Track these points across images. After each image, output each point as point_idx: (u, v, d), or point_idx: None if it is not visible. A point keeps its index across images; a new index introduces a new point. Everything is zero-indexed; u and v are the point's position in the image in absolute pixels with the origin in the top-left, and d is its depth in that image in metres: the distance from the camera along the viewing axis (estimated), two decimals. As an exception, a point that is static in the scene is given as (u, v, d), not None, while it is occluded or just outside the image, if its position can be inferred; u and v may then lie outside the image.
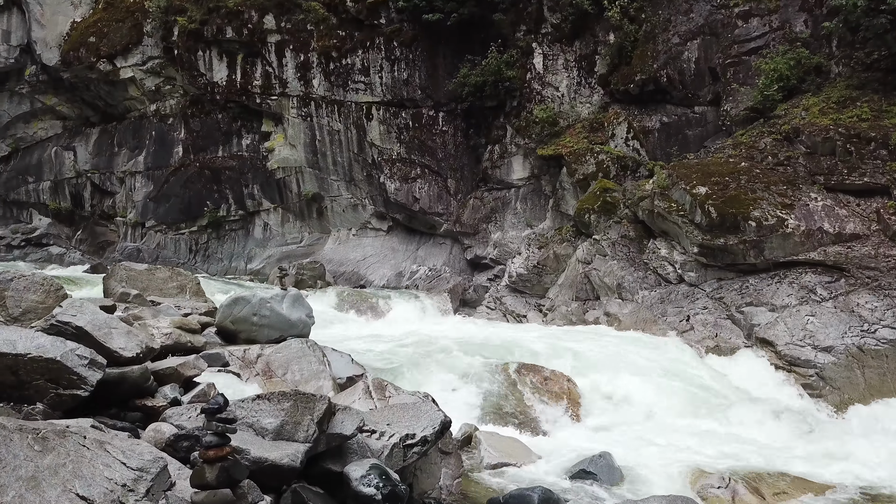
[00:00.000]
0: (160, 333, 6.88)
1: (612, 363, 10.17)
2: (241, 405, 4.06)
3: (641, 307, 13.62)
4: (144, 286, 11.19)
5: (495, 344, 11.00)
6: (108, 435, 3.33)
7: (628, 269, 14.58)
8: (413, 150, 21.65)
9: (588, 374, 9.52)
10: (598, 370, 9.74)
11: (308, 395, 4.15)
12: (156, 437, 3.98)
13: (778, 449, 7.73)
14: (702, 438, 7.58)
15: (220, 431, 3.42)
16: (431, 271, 20.73)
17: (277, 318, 8.04)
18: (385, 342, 11.58)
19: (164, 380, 5.79)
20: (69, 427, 3.09)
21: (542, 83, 19.94)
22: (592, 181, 17.16)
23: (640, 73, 18.27)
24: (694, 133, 17.92)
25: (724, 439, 7.70)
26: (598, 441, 7.37)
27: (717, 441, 7.64)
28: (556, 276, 16.63)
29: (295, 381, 7.65)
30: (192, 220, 24.50)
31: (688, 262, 13.80)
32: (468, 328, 13.94)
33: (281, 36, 22.66)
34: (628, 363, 10.18)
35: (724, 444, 7.59)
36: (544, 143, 19.04)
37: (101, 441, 3.04)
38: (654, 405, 8.75)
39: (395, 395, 5.37)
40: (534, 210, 19.85)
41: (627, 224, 15.55)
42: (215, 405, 3.45)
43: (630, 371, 9.76)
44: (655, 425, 8.17)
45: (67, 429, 3.03)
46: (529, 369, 8.85)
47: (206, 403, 3.57)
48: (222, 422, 3.42)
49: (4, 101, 26.91)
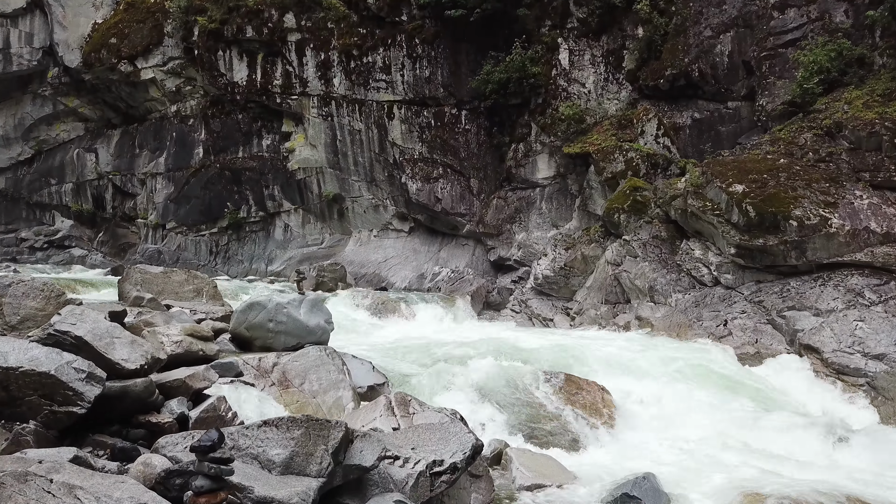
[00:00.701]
0: (170, 342, 6.48)
1: (646, 370, 9.61)
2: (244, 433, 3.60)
3: (675, 311, 13.00)
4: (160, 289, 10.86)
5: (522, 349, 10.47)
6: (84, 475, 2.88)
7: (660, 271, 13.96)
8: (435, 150, 21.20)
9: (622, 383, 8.97)
10: (632, 378, 9.19)
11: (322, 422, 3.67)
12: (145, 471, 3.47)
13: (832, 466, 7.12)
14: (749, 455, 6.99)
15: (213, 474, 2.94)
16: (454, 273, 20.25)
17: (294, 325, 7.62)
18: (407, 347, 11.13)
19: (171, 393, 5.38)
20: (31, 470, 2.66)
21: (567, 79, 19.37)
22: (621, 180, 16.56)
23: (670, 68, 17.64)
24: (727, 129, 17.25)
25: (772, 455, 7.11)
26: (636, 458, 6.84)
27: (766, 457, 7.05)
28: (583, 279, 16.05)
29: (313, 390, 7.22)
30: (213, 221, 24.31)
31: (724, 263, 13.15)
32: (493, 332, 13.43)
33: (301, 34, 22.35)
34: (664, 370, 9.61)
35: (774, 460, 7.00)
36: (570, 140, 18.47)
37: (71, 485, 2.61)
38: (695, 417, 8.17)
39: (420, 412, 4.91)
40: (559, 210, 19.28)
41: (659, 224, 14.92)
42: (207, 442, 2.99)
43: (666, 379, 9.21)
44: (698, 440, 7.59)
45: (30, 472, 2.60)
46: (560, 377, 8.32)
47: (198, 440, 3.10)
48: (217, 462, 2.94)
49: (27, 103, 26.96)
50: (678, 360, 10.25)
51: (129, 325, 7.82)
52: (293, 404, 7.00)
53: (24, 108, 27.00)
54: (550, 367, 9.30)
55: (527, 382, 8.17)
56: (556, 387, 8.06)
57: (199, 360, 6.67)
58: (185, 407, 5.28)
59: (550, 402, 7.92)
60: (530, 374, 8.23)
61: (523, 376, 8.26)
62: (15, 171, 27.62)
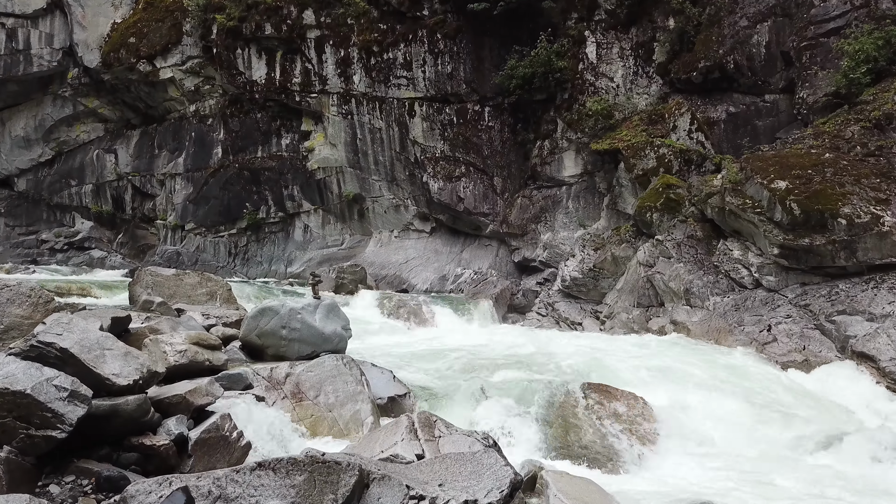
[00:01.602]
0: (173, 351, 5.95)
1: (687, 380, 8.90)
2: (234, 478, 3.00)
3: (713, 315, 12.25)
4: (171, 293, 10.39)
5: (552, 356, 9.82)
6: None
7: (696, 273, 13.21)
8: (457, 148, 20.59)
9: (662, 394, 8.29)
10: (673, 389, 8.49)
11: (329, 465, 3.05)
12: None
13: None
14: (813, 478, 6.28)
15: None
16: (477, 275, 19.63)
17: (309, 332, 7.06)
18: (429, 353, 10.54)
19: (170, 410, 4.83)
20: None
21: (595, 73, 18.65)
22: (653, 177, 15.81)
23: (703, 60, 16.86)
24: (764, 123, 16.43)
25: (836, 479, 6.38)
26: (684, 482, 6.17)
27: (830, 481, 6.33)
28: (614, 280, 15.34)
29: (329, 403, 6.65)
30: (232, 222, 23.94)
31: (766, 264, 12.37)
32: (519, 337, 12.78)
33: (320, 31, 21.90)
34: (707, 380, 8.90)
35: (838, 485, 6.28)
36: (598, 137, 17.77)
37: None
38: (745, 433, 7.47)
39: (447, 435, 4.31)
40: (587, 209, 18.57)
41: (694, 223, 14.17)
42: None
43: (710, 390, 8.49)
44: (751, 460, 6.90)
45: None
46: (597, 389, 7.66)
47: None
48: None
49: (48, 104, 26.83)
50: (721, 369, 9.53)
51: (133, 332, 7.32)
52: (307, 419, 6.45)
53: (45, 110, 26.88)
54: (584, 377, 8.65)
55: (560, 394, 7.52)
56: (593, 399, 7.40)
57: (205, 370, 6.13)
58: (185, 426, 4.73)
59: (587, 416, 7.27)
60: (564, 385, 7.58)
61: (556, 387, 7.62)
62: (36, 172, 27.51)
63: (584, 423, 7.00)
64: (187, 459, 4.61)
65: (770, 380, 9.39)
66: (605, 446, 6.80)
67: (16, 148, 27.28)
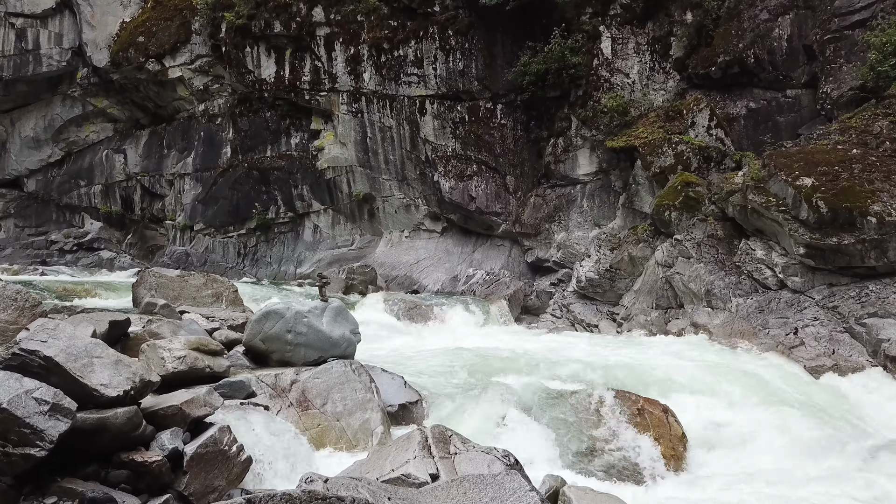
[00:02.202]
0: (171, 357, 5.62)
1: (713, 386, 8.47)
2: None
3: (736, 317, 11.79)
4: (176, 294, 10.08)
5: (569, 361, 9.41)
6: None
7: (717, 273, 12.76)
8: (469, 146, 20.21)
9: (688, 402, 7.87)
10: (700, 396, 8.07)
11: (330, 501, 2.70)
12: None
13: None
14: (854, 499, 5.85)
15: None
16: (489, 275, 19.25)
17: (316, 336, 6.70)
18: (441, 357, 10.15)
19: (165, 422, 4.49)
20: None
21: (610, 69, 18.22)
22: (671, 175, 15.37)
23: (723, 55, 16.40)
24: (786, 119, 15.95)
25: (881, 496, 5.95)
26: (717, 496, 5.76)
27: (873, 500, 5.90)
28: (631, 281, 14.91)
29: (336, 412, 6.30)
30: (241, 222, 23.68)
31: (791, 264, 11.91)
32: (534, 341, 12.38)
33: (330, 28, 21.59)
34: (736, 387, 8.46)
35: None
36: (614, 134, 17.33)
37: None
38: (777, 445, 7.03)
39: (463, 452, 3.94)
40: (602, 208, 18.13)
41: (714, 222, 13.72)
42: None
43: (741, 397, 8.06)
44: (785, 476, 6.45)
45: None
46: (620, 397, 7.26)
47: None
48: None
49: (57, 104, 26.71)
50: (750, 374, 9.09)
51: (133, 336, 7.01)
52: (313, 429, 6.10)
53: (54, 110, 26.77)
54: (605, 382, 8.26)
55: (581, 402, 7.13)
56: (615, 408, 7.00)
57: (205, 378, 5.79)
58: (180, 440, 4.39)
59: (609, 426, 6.87)
60: (585, 392, 7.19)
61: (577, 394, 7.22)
62: (45, 172, 27.41)
63: (607, 434, 6.60)
64: (182, 476, 4.27)
65: (803, 386, 8.95)
66: (630, 459, 6.40)
67: (25, 148, 27.19)
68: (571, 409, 6.99)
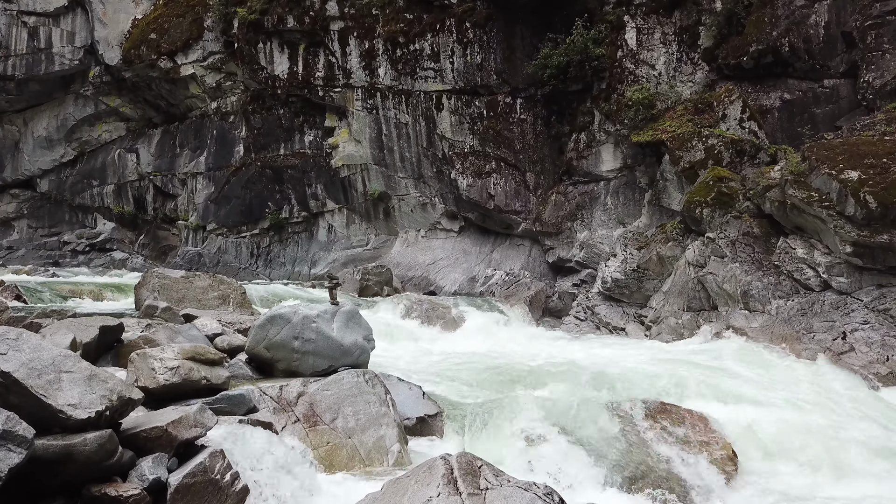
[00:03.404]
0: (163, 368, 5.01)
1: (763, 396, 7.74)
2: None
3: (777, 320, 11.01)
4: (180, 296, 9.52)
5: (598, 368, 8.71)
6: None
7: (755, 274, 11.97)
8: (487, 142, 19.54)
9: (734, 415, 7.15)
10: (744, 408, 7.34)
11: None
12: None
13: None
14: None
15: None
16: (509, 276, 18.55)
17: (326, 343, 6.07)
18: (462, 364, 9.51)
19: (147, 447, 3.88)
20: None
21: (635, 61, 17.46)
22: (701, 170, 14.59)
23: (755, 44, 15.58)
24: (823, 111, 15.10)
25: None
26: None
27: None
28: (659, 282, 14.16)
29: (348, 428, 5.66)
30: (254, 222, 23.19)
31: (835, 264, 11.11)
32: (559, 345, 11.69)
33: (344, 22, 21.03)
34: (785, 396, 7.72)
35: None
36: (639, 128, 16.56)
37: None
38: (837, 463, 6.31)
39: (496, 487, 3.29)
40: (627, 205, 17.36)
41: (749, 219, 12.93)
42: None
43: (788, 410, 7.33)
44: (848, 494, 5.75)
45: None
46: (659, 410, 6.57)
47: None
48: None
49: (70, 104, 26.44)
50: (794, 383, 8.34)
51: (126, 343, 6.43)
52: (322, 447, 5.47)
53: (67, 109, 26.50)
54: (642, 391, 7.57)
55: (619, 415, 6.44)
56: (658, 423, 6.31)
57: (201, 390, 5.19)
58: (164, 469, 3.77)
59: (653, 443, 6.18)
60: (623, 405, 6.49)
61: (613, 406, 6.53)
62: (58, 172, 27.16)
63: (646, 448, 5.91)
64: (166, 511, 3.65)
65: (853, 396, 8.18)
66: (675, 477, 5.70)
67: (38, 148, 26.95)
68: (610, 422, 6.30)
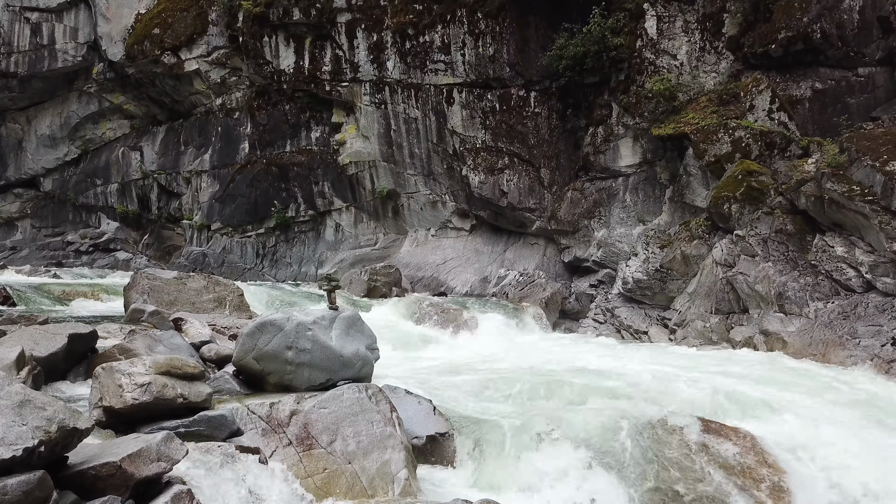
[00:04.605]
0: (132, 385, 4.30)
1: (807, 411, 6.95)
2: None
3: (816, 324, 10.19)
4: (172, 299, 8.84)
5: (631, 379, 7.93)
6: None
7: (790, 274, 11.15)
8: (500, 137, 18.79)
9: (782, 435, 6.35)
10: (797, 424, 6.55)
11: None
12: None
13: None
14: None
15: None
16: (523, 276, 17.77)
17: (323, 354, 5.35)
18: (475, 372, 8.77)
19: (98, 487, 3.17)
20: None
21: (655, 51, 16.64)
22: (728, 164, 13.77)
23: (784, 30, 14.72)
24: (858, 101, 14.24)
25: None
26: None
27: None
28: (684, 283, 13.36)
29: (348, 452, 4.93)
30: (259, 221, 22.54)
31: (880, 263, 10.27)
32: (580, 350, 10.91)
33: (352, 14, 20.34)
34: (837, 413, 6.93)
35: None
36: (660, 121, 15.76)
37: None
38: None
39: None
40: (646, 202, 16.55)
41: (782, 215, 12.11)
42: None
43: (845, 430, 6.52)
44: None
45: None
46: (706, 429, 5.80)
47: None
48: None
49: (73, 101, 25.92)
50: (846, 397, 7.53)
51: (101, 353, 5.74)
52: (318, 474, 4.74)
53: (70, 107, 25.98)
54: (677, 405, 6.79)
55: (655, 433, 5.67)
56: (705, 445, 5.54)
57: (178, 410, 4.47)
58: (115, 515, 3.05)
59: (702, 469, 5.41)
60: (663, 426, 5.72)
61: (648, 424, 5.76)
62: (62, 171, 26.66)
63: (695, 476, 5.14)
64: (115, 570, 2.93)
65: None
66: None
67: (41, 147, 26.46)
68: (648, 445, 5.53)
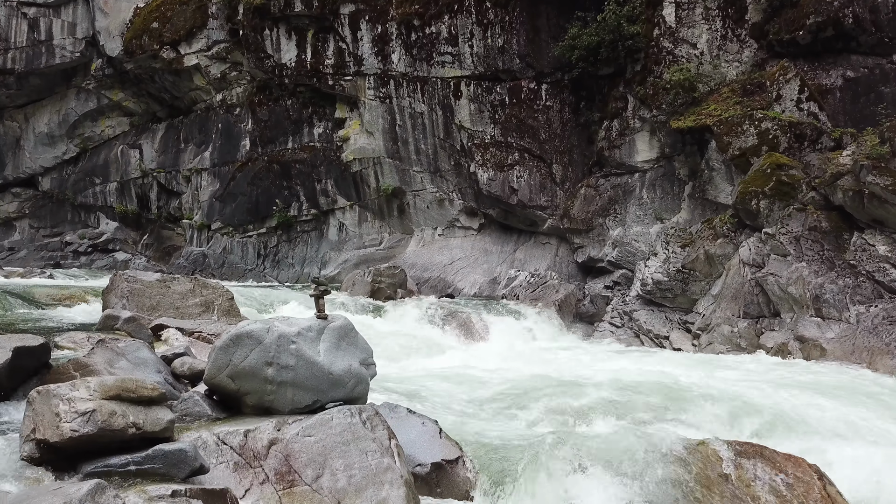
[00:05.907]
0: (71, 413, 3.53)
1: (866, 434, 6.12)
2: None
3: (858, 330, 9.35)
4: (154, 303, 8.09)
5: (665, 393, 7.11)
6: None
7: (827, 275, 10.29)
8: (510, 132, 17.98)
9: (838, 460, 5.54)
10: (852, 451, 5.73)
11: None
12: None
13: None
14: None
15: None
16: (534, 277, 16.96)
17: (309, 371, 4.54)
18: (486, 384, 7.98)
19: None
20: None
21: (674, 40, 15.80)
22: (754, 157, 12.93)
23: (813, 16, 13.88)
24: (892, 90, 13.37)
25: None
26: None
27: None
28: (707, 284, 12.51)
29: (337, 489, 4.14)
30: (261, 220, 21.81)
31: (927, 263, 9.42)
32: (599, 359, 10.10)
33: (355, 5, 19.58)
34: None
35: None
36: (679, 114, 14.93)
37: None
38: None
39: None
40: (664, 199, 15.73)
41: (815, 211, 11.25)
42: None
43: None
44: None
45: None
46: (755, 454, 4.99)
47: None
48: None
49: (71, 98, 25.30)
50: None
51: (54, 369, 4.97)
52: (300, 517, 3.94)
53: (69, 104, 25.36)
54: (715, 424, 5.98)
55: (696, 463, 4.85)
56: (755, 473, 4.73)
57: (130, 442, 3.70)
58: None
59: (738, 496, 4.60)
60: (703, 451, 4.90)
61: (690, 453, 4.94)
62: (60, 170, 26.04)
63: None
64: None
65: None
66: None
67: (39, 145, 25.85)
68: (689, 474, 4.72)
